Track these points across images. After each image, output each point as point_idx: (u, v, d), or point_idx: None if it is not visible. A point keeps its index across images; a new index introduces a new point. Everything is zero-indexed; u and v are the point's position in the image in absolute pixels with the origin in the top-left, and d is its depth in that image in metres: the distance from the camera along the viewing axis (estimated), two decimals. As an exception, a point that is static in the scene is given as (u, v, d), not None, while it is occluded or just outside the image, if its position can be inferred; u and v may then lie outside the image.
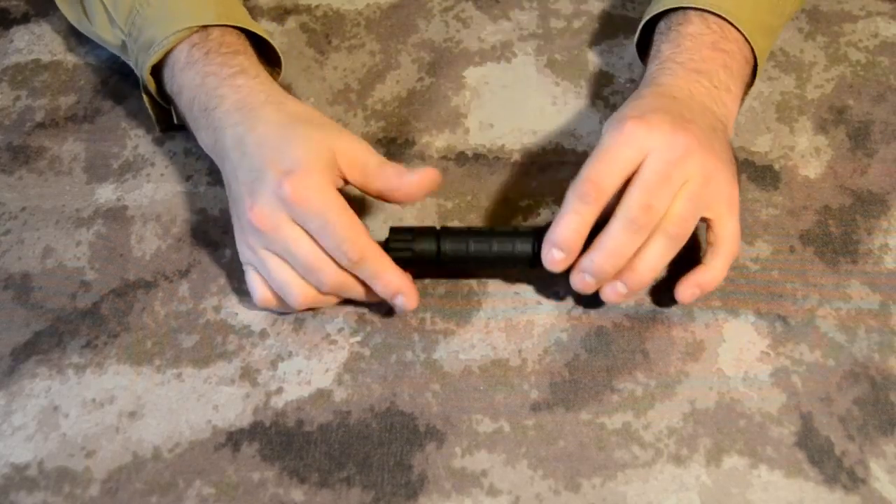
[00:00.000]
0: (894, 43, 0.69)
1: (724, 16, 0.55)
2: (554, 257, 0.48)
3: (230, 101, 0.53)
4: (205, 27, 0.56)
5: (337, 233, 0.47)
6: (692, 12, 0.56)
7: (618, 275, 0.49)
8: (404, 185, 0.50)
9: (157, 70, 0.58)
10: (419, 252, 0.51)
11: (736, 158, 0.53)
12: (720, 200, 0.49)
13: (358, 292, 0.50)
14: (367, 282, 0.49)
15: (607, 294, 0.49)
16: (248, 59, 0.56)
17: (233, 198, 0.51)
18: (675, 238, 0.48)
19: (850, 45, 0.68)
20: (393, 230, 0.52)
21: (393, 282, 0.49)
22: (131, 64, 0.61)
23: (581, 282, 0.49)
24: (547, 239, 0.48)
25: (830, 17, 0.71)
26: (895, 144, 0.62)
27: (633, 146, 0.47)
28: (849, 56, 0.68)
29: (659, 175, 0.47)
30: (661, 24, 0.57)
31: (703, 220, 0.50)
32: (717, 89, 0.53)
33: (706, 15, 0.55)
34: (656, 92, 0.52)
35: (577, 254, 0.48)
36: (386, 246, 0.51)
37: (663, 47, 0.55)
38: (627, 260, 0.48)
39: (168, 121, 0.61)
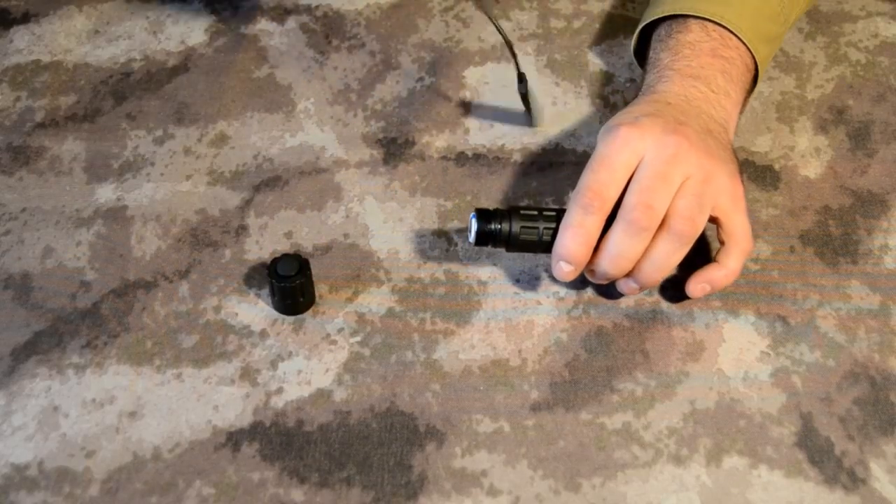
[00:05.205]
0: (894, 43, 0.69)
1: (724, 25, 0.55)
2: (563, 269, 0.49)
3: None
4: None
5: None
6: (692, 20, 0.56)
7: (629, 273, 0.49)
8: None
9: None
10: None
11: (737, 159, 0.53)
12: (724, 197, 0.49)
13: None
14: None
15: (622, 288, 0.51)
16: None
17: None
18: (681, 236, 0.48)
19: (850, 45, 0.68)
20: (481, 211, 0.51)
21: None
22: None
23: (594, 279, 0.51)
24: (554, 252, 0.49)
25: (830, 17, 0.71)
26: (895, 144, 0.62)
27: (628, 150, 0.48)
28: (849, 56, 0.68)
29: (655, 175, 0.47)
30: (661, 31, 0.57)
31: (713, 220, 0.50)
32: (716, 94, 0.53)
33: (706, 23, 0.55)
34: (651, 99, 0.52)
35: (585, 263, 0.49)
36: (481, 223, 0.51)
37: (662, 55, 0.56)
38: (633, 261, 0.48)
39: None
